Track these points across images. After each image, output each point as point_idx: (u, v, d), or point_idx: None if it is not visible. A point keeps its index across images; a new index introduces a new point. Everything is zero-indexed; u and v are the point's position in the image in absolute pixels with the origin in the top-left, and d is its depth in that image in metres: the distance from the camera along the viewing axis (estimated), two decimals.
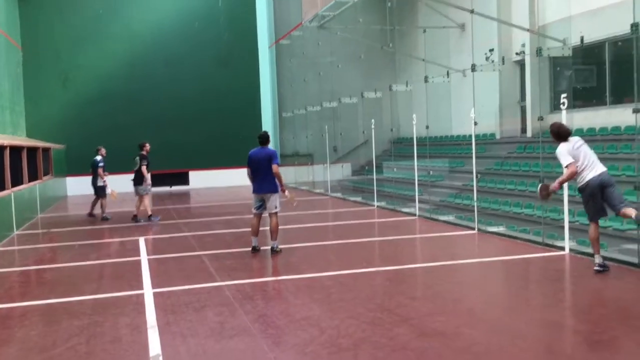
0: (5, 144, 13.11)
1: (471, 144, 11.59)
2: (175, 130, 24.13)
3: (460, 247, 10.17)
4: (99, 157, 14.90)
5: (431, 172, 15.52)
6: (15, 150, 14.41)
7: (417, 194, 13.85)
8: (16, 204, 13.34)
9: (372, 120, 15.66)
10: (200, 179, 23.61)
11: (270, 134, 25.87)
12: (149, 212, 13.93)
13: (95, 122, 23.51)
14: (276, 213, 9.41)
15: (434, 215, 13.08)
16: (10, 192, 12.96)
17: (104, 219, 14.67)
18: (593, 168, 7.24)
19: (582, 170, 7.26)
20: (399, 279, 7.84)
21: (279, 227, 9.53)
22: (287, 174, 25.16)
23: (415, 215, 13.39)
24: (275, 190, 9.40)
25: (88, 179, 15.37)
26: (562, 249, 8.74)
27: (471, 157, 11.74)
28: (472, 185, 12.06)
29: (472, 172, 11.95)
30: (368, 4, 18.75)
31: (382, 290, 7.17)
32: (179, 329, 5.74)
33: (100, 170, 14.71)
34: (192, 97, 24.69)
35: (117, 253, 10.43)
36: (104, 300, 7.03)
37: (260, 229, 9.77)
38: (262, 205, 9.49)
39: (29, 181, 15.64)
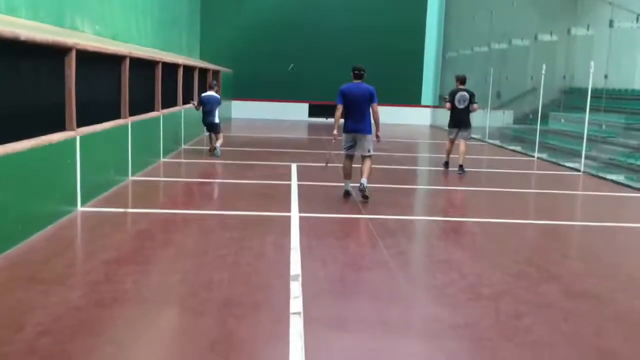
0: (180, 63, 13.96)
1: None
2: (336, 64, 24.26)
3: (627, 209, 9.30)
4: (218, 95, 13.18)
5: (604, 127, 14.20)
6: (189, 69, 15.31)
7: (584, 149, 12.80)
8: (185, 120, 14.27)
9: (544, 65, 14.54)
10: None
11: (432, 73, 25.57)
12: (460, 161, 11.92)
13: (263, 48, 24.30)
14: (370, 156, 8.61)
15: (602, 174, 12.05)
16: (181, 108, 13.87)
17: (211, 152, 12.99)
18: None
19: None
20: (553, 234, 7.35)
21: (373, 169, 8.73)
22: (444, 116, 24.50)
23: (579, 171, 12.44)
24: (370, 131, 8.61)
25: (251, 103, 15.80)
26: None
27: None
28: None
29: None
30: None
31: (532, 244, 6.78)
32: (320, 254, 5.85)
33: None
34: (357, 32, 24.52)
35: (272, 176, 10.83)
36: (254, 217, 7.35)
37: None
38: (353, 146, 8.67)
39: None
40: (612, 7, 14.77)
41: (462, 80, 12.19)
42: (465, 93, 11.96)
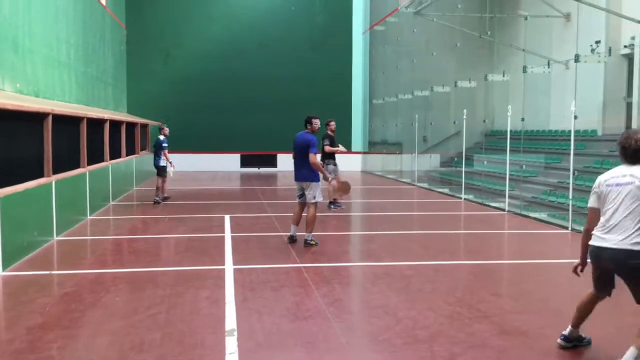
0: (106, 118, 13.74)
1: (570, 139, 10.98)
2: (265, 112, 24.54)
3: (551, 246, 9.68)
4: (162, 137, 13.99)
5: (524, 167, 14.85)
6: (116, 124, 15.08)
7: (507, 188, 13.32)
8: (113, 176, 13.97)
9: (465, 110, 15.18)
10: (288, 162, 23.81)
11: (360, 120, 26.23)
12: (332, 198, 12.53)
13: (192, 100, 24.33)
14: (315, 204, 8.69)
15: (525, 212, 12.55)
16: (108, 164, 13.58)
17: (156, 202, 13.61)
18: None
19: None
20: (483, 274, 7.55)
21: (316, 218, 8.81)
22: (375, 161, 25.06)
23: (504, 210, 12.91)
24: (313, 179, 8.66)
25: (183, 156, 15.75)
26: None
27: (569, 154, 11.13)
28: (569, 183, 11.45)
29: (568, 170, 11.34)
30: None
31: (463, 284, 6.93)
32: (256, 306, 5.78)
33: (165, 152, 13.87)
34: (283, 80, 25.02)
35: (204, 229, 10.68)
36: (187, 272, 7.20)
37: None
38: (303, 194, 8.85)
39: (127, 155, 16.35)
40: (525, 54, 15.65)
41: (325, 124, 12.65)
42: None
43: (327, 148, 12.74)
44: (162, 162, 13.86)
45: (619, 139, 4.50)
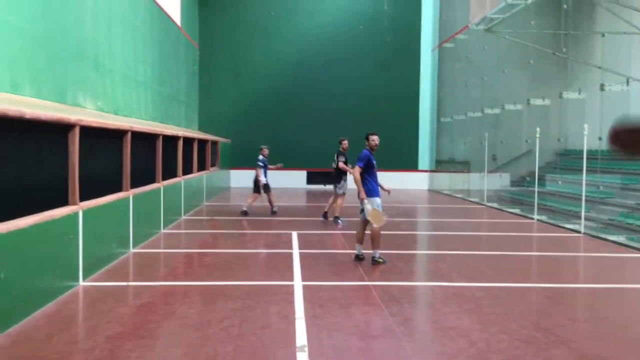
0: (179, 135, 14.18)
1: None
2: (331, 130, 24.65)
3: (630, 270, 9.27)
4: (260, 157, 15.09)
5: (601, 188, 14.32)
6: (188, 141, 15.53)
7: (583, 210, 12.87)
8: (185, 191, 14.37)
9: (537, 128, 14.82)
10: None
11: (427, 138, 25.98)
12: (337, 213, 13.39)
13: (260, 118, 24.79)
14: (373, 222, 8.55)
15: (602, 234, 12.06)
16: (181, 179, 13.99)
17: (273, 213, 14.92)
18: None
19: None
20: (558, 297, 7.30)
21: (381, 235, 8.76)
22: (442, 180, 24.73)
23: (579, 232, 12.45)
24: (369, 195, 8.73)
25: (251, 172, 16.07)
26: None
27: None
28: None
29: None
30: (541, 7, 17.75)
31: (537, 308, 6.71)
32: (325, 323, 5.79)
33: (258, 169, 14.86)
34: (350, 98, 25.14)
35: (273, 244, 10.81)
36: (257, 287, 7.30)
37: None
38: (363, 210, 8.79)
39: (198, 171, 16.79)
40: (602, 71, 15.18)
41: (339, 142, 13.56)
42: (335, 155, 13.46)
43: (342, 165, 13.25)
44: (264, 179, 14.94)
45: None
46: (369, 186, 8.76)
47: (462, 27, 21.80)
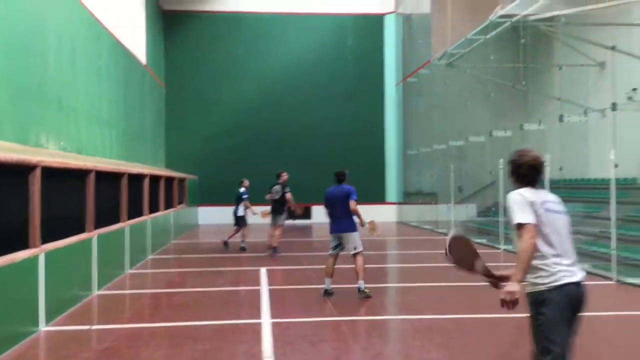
0: (145, 173, 14.04)
1: (609, 188, 10.78)
2: (300, 165, 24.69)
3: (595, 298, 9.36)
4: (242, 189, 15.33)
5: None
6: (155, 179, 15.39)
7: None
8: (152, 229, 14.17)
9: (500, 160, 15.08)
10: (322, 214, 23.80)
11: (394, 171, 26.18)
12: (274, 244, 13.93)
13: (227, 154, 24.67)
14: (359, 253, 8.75)
15: None
16: (147, 218, 13.80)
17: (242, 249, 14.88)
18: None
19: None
20: (526, 328, 7.31)
21: (365, 267, 8.83)
22: (410, 212, 24.88)
23: None
24: (353, 230, 8.84)
25: (218, 208, 16.00)
26: None
27: (609, 203, 10.90)
28: (610, 232, 11.17)
29: (609, 219, 11.08)
30: (500, 41, 18.25)
31: (508, 339, 6.73)
32: None
33: (246, 202, 15.19)
34: (318, 134, 25.27)
35: (241, 281, 10.68)
36: (225, 327, 7.18)
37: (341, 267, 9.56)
38: (338, 246, 8.95)
39: (165, 209, 16.60)
40: (561, 103, 15.60)
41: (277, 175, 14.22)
42: (277, 186, 13.95)
43: (289, 196, 13.84)
44: (240, 212, 15.22)
45: (524, 159, 3.96)
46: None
47: (425, 61, 22.26)
